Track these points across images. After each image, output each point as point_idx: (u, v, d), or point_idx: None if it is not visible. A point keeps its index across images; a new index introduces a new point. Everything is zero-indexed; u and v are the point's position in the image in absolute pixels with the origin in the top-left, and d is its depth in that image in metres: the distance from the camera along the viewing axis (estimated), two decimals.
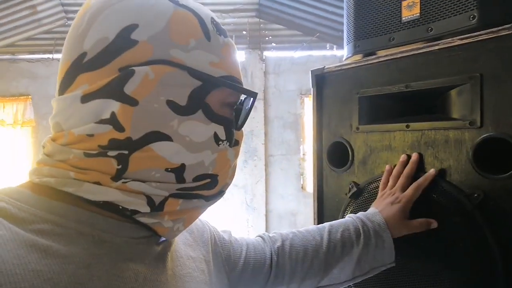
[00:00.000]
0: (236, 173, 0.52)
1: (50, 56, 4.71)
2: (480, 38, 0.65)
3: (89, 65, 0.41)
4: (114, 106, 0.39)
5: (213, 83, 0.43)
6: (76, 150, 0.41)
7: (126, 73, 0.40)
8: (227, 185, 0.50)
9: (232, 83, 0.45)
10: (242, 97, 0.49)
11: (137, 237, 0.44)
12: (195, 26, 0.43)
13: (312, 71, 0.95)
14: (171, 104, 0.41)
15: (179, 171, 0.43)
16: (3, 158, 4.65)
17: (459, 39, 0.67)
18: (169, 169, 0.42)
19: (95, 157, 0.40)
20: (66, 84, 0.42)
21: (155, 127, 0.41)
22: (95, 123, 0.40)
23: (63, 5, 4.50)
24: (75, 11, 4.55)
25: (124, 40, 0.40)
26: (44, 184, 0.41)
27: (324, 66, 0.93)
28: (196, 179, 0.44)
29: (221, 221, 4.28)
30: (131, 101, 0.40)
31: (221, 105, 0.45)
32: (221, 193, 0.49)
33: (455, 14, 0.70)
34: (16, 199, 0.39)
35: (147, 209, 0.42)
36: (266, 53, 4.72)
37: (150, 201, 0.42)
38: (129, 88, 0.39)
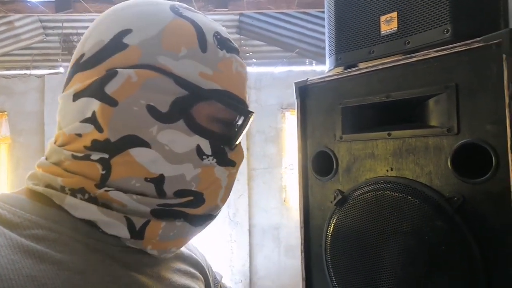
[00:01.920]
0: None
1: (28, 72, 4.62)
2: (454, 50, 0.68)
3: (84, 65, 0.42)
4: (95, 105, 0.40)
5: (200, 94, 0.42)
6: (66, 151, 0.41)
7: (109, 74, 0.40)
8: (217, 207, 0.47)
9: (224, 98, 0.44)
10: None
11: (132, 246, 0.44)
12: (190, 36, 0.43)
13: (295, 83, 0.97)
14: (151, 109, 0.40)
15: (158, 182, 0.42)
16: None
17: (434, 51, 0.71)
18: (148, 179, 0.41)
19: (81, 160, 0.41)
20: (66, 83, 0.45)
21: (133, 130, 0.40)
22: (80, 122, 0.41)
23: (41, 21, 4.45)
24: (54, 27, 4.51)
25: (116, 43, 0.42)
26: (37, 191, 0.42)
27: (307, 78, 0.96)
28: (178, 194, 0.43)
29: (204, 237, 4.22)
30: (110, 101, 0.40)
31: (210, 119, 0.44)
32: (209, 217, 0.47)
33: (430, 28, 0.74)
34: (11, 204, 0.39)
35: (126, 234, 0.41)
36: (247, 69, 4.77)
37: (130, 224, 0.41)
38: (110, 88, 0.40)
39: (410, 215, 0.73)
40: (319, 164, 0.94)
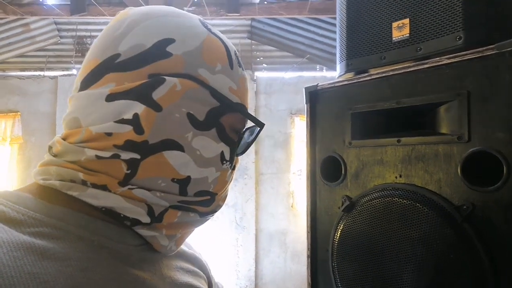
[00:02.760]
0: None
1: (41, 73, 4.70)
2: (466, 57, 0.68)
3: (120, 66, 0.43)
4: (138, 108, 0.41)
5: (230, 106, 0.47)
6: (89, 150, 0.41)
7: (156, 80, 0.42)
8: (219, 206, 0.52)
9: (244, 111, 0.49)
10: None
11: (137, 244, 0.45)
12: (223, 53, 0.47)
13: (306, 88, 0.97)
14: (191, 117, 0.44)
15: (183, 183, 0.44)
16: None
17: (446, 58, 0.71)
18: (175, 180, 0.44)
19: (107, 159, 0.41)
20: (91, 80, 0.44)
21: (171, 135, 0.43)
22: (115, 122, 0.41)
23: (56, 23, 4.53)
24: (68, 30, 4.59)
25: (159, 50, 0.43)
26: (48, 186, 0.42)
27: (318, 84, 0.96)
28: (197, 194, 0.46)
29: (211, 240, 4.23)
30: (156, 107, 0.42)
31: (231, 129, 0.48)
32: (213, 212, 0.51)
33: (442, 35, 0.74)
34: (15, 202, 0.39)
35: (147, 219, 0.43)
36: (257, 73, 4.78)
37: (150, 210, 0.43)
38: (157, 94, 0.42)
39: (419, 222, 0.72)
40: (327, 170, 0.94)
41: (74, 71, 4.70)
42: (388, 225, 0.78)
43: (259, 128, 0.51)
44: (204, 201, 0.47)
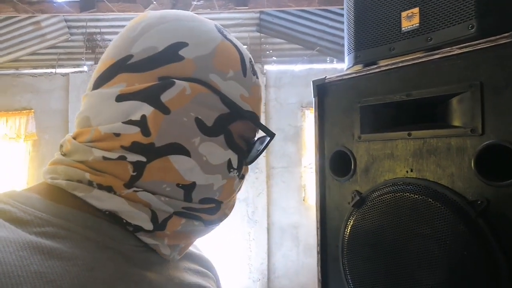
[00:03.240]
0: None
1: (53, 70, 4.75)
2: (479, 46, 0.66)
3: (132, 67, 0.43)
4: (147, 110, 0.41)
5: (240, 114, 0.46)
6: (97, 150, 0.41)
7: (166, 83, 0.42)
8: (225, 215, 0.51)
9: (255, 119, 0.48)
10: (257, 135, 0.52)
11: (141, 245, 0.44)
12: (236, 59, 0.47)
13: (313, 81, 0.96)
14: (199, 122, 0.43)
15: (188, 189, 0.44)
16: (5, 172, 4.64)
17: (458, 48, 0.68)
18: (180, 185, 0.43)
19: (113, 161, 0.41)
20: (104, 79, 0.44)
21: (178, 139, 0.42)
22: (123, 122, 0.41)
23: (66, 21, 4.57)
24: (78, 27, 4.63)
25: (171, 53, 0.43)
26: (56, 186, 0.42)
27: (326, 77, 0.94)
28: (202, 201, 0.46)
29: (223, 235, 4.25)
30: (164, 109, 0.42)
31: (240, 136, 0.48)
32: (218, 221, 0.50)
33: (454, 24, 0.72)
34: (21, 202, 0.39)
35: (149, 226, 0.43)
36: (267, 67, 4.76)
37: (154, 216, 0.43)
38: (166, 97, 0.42)
39: (431, 218, 0.70)
40: (336, 164, 0.92)
41: (85, 68, 4.74)
42: (399, 221, 0.76)
43: (269, 138, 0.50)
44: (209, 208, 0.47)
